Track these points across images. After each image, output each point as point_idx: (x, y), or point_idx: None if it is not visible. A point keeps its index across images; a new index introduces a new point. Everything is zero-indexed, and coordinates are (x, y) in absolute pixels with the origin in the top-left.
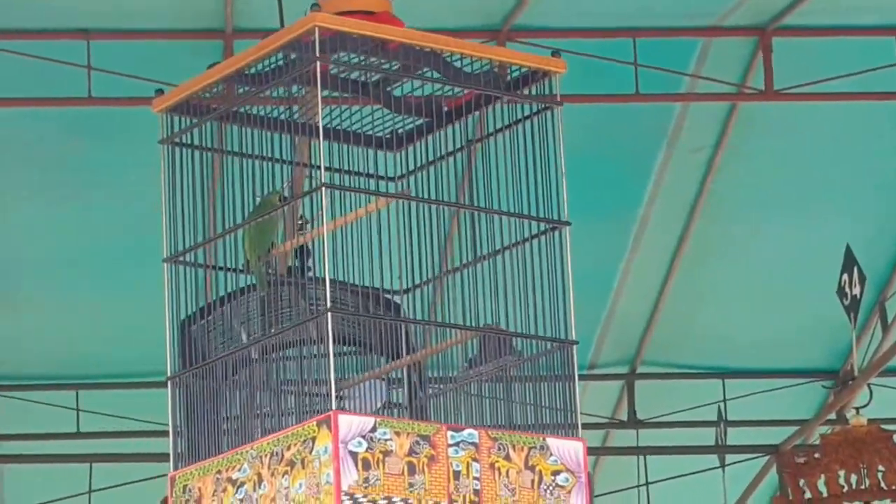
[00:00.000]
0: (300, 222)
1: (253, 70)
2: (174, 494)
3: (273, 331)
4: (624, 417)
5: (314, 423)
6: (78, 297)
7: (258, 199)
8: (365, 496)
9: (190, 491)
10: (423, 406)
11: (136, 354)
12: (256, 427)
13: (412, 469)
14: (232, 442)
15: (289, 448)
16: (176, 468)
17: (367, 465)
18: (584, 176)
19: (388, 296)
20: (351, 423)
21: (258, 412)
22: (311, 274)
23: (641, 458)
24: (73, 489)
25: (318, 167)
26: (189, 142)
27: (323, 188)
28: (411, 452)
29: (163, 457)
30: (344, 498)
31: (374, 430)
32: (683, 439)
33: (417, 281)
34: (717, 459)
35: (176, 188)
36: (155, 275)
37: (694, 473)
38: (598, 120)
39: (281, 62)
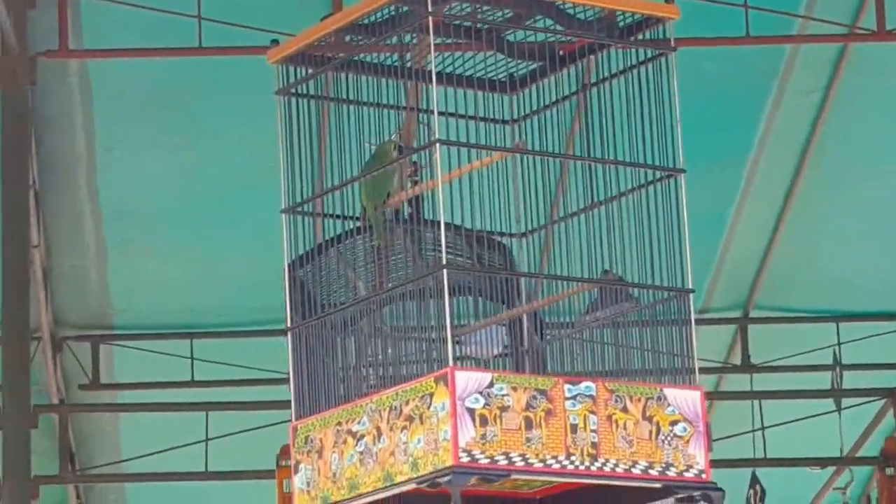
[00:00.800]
0: (412, 169)
1: (366, 21)
2: (296, 445)
3: (391, 284)
4: (737, 362)
5: (432, 379)
6: (192, 247)
7: (373, 149)
8: (482, 452)
9: (311, 441)
10: (539, 353)
11: (249, 304)
12: (375, 378)
13: (529, 424)
14: (350, 393)
15: (407, 403)
16: (297, 418)
17: (484, 422)
18: (695, 120)
19: (500, 238)
20: (468, 380)
21: (376, 362)
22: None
23: (756, 402)
24: (189, 437)
25: (433, 113)
26: (304, 92)
27: (437, 143)
28: (528, 407)
29: (278, 404)
30: (461, 454)
31: (491, 385)
32: (798, 383)
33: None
34: (832, 403)
35: (292, 139)
36: (270, 224)
37: (809, 417)
38: (709, 63)
39: (393, 13)
